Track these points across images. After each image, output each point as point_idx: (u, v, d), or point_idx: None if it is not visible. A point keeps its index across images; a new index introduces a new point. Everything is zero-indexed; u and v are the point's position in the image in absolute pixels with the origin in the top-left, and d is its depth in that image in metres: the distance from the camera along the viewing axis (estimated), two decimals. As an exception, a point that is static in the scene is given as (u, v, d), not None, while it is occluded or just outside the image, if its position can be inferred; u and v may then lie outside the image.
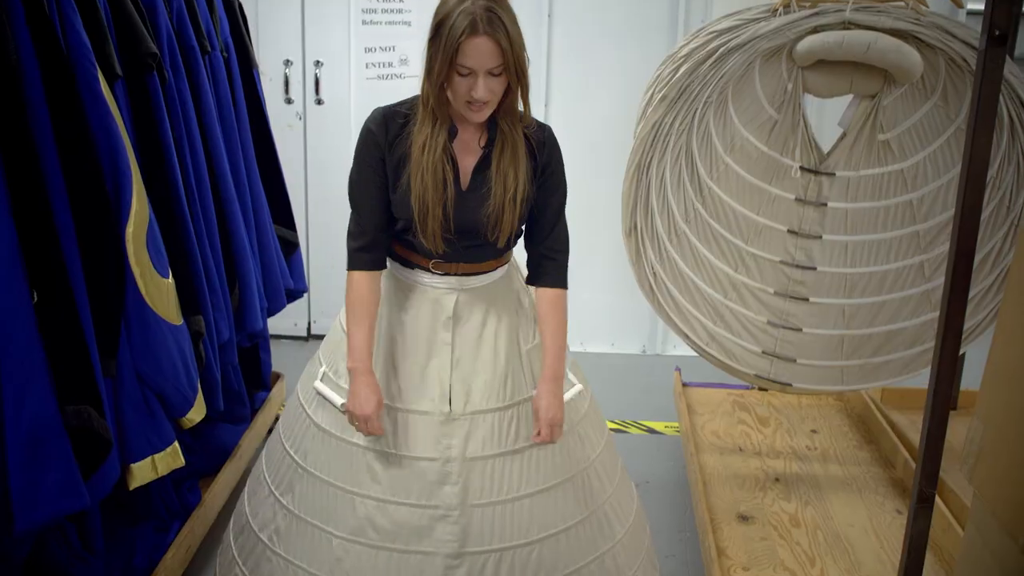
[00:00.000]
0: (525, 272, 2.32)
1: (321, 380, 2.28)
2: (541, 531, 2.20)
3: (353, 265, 2.16)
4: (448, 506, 2.14)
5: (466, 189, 2.12)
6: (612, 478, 2.40)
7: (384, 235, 2.17)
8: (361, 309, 2.15)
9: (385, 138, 2.11)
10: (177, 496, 2.81)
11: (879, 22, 2.77)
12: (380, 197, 2.14)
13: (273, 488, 2.31)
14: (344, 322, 2.30)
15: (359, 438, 2.18)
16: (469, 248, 2.17)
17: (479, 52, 1.93)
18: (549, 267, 2.24)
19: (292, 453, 2.29)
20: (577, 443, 2.31)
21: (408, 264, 2.22)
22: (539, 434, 2.16)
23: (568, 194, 2.25)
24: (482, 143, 2.12)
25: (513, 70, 1.98)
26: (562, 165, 2.20)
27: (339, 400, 2.19)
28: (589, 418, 2.39)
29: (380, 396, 2.13)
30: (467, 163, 2.13)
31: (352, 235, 2.17)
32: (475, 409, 2.18)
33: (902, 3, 2.82)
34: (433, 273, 2.20)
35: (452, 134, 2.10)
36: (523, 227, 2.23)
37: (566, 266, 2.26)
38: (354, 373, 2.12)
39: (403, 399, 2.18)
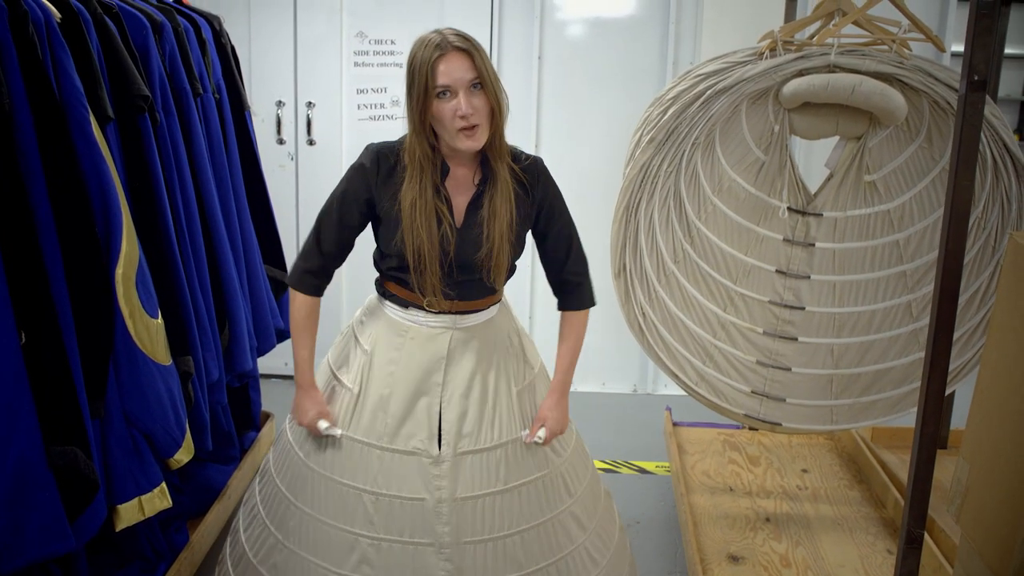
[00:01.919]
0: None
1: None
2: (532, 564, 2.23)
3: (298, 285, 2.24)
4: (442, 543, 2.16)
5: (461, 226, 2.14)
6: (597, 507, 2.43)
7: (335, 265, 2.25)
8: (303, 331, 2.27)
9: (376, 176, 2.13)
10: (164, 537, 2.79)
11: (863, 65, 2.81)
12: (347, 232, 2.20)
13: (268, 522, 2.31)
14: (332, 361, 2.36)
15: (349, 478, 2.20)
16: (464, 283, 2.18)
17: (453, 67, 1.97)
18: (574, 291, 2.32)
19: (284, 489, 2.30)
20: (560, 481, 2.33)
21: (402, 303, 2.24)
22: (536, 437, 2.25)
23: None
24: (476, 180, 2.15)
25: (491, 86, 2.01)
26: (559, 193, 2.25)
27: (338, 431, 2.23)
28: (576, 453, 2.41)
29: (322, 407, 2.25)
30: (461, 201, 2.15)
31: (305, 255, 2.23)
32: (464, 450, 2.20)
33: (886, 47, 2.86)
34: (428, 311, 2.21)
35: (444, 173, 2.12)
36: (516, 264, 2.25)
37: (591, 285, 2.34)
38: (297, 387, 2.26)
39: (392, 439, 2.19)
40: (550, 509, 2.27)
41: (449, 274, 2.15)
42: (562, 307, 2.35)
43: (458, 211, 2.15)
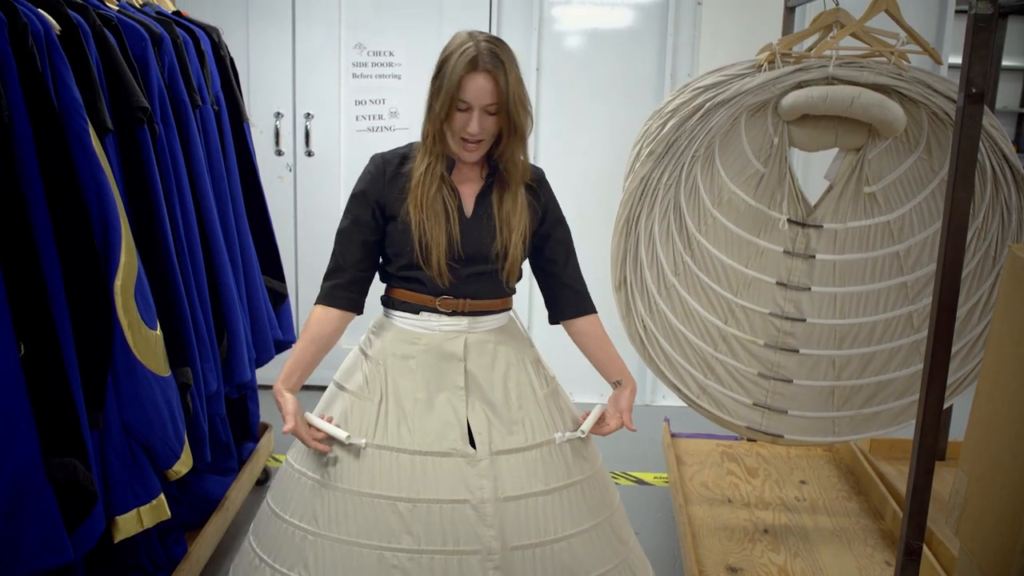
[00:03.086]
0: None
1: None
2: (583, 574, 2.14)
3: (328, 300, 2.19)
4: (489, 550, 2.03)
5: (471, 216, 2.15)
6: (630, 528, 2.39)
7: (364, 278, 2.22)
8: (319, 340, 2.20)
9: (383, 179, 2.15)
10: (163, 548, 2.78)
11: (862, 77, 2.81)
12: (366, 241, 2.19)
13: (279, 566, 2.13)
14: (341, 380, 2.27)
15: (379, 488, 2.08)
16: (475, 277, 2.17)
17: (477, 88, 2.02)
18: (573, 298, 2.31)
19: (296, 522, 2.13)
20: (602, 487, 2.29)
21: (413, 309, 2.19)
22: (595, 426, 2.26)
23: None
24: (483, 174, 2.18)
25: (506, 111, 2.05)
26: (557, 202, 2.28)
27: (342, 432, 2.11)
28: (603, 469, 2.37)
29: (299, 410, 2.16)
30: (469, 191, 2.17)
31: (331, 273, 2.21)
32: (499, 449, 2.12)
33: (884, 59, 2.87)
34: (440, 313, 2.18)
35: (451, 165, 2.15)
36: (524, 263, 2.26)
37: (588, 293, 2.33)
38: (277, 394, 2.19)
39: (424, 443, 2.10)
40: (593, 516, 2.20)
41: (458, 263, 2.13)
42: (561, 317, 2.32)
43: (466, 201, 2.16)
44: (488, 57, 2.02)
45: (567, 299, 2.31)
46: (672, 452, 3.84)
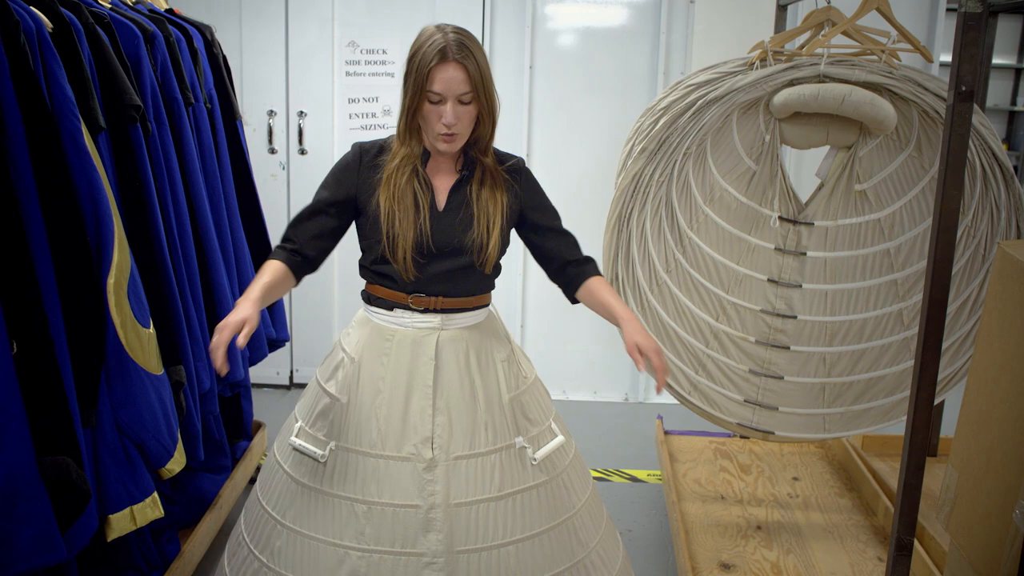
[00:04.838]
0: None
1: (297, 436, 2.28)
2: None
3: (277, 255, 2.23)
4: (434, 553, 2.12)
5: (443, 209, 2.17)
6: (598, 527, 2.39)
7: (309, 251, 2.24)
8: (269, 273, 2.18)
9: (358, 169, 2.20)
10: (156, 547, 2.78)
11: (853, 75, 2.82)
12: (323, 228, 2.24)
13: (252, 547, 2.28)
14: (320, 375, 2.34)
15: (339, 489, 2.18)
16: (448, 274, 2.19)
17: (448, 78, 2.04)
18: (583, 263, 2.32)
19: (270, 510, 2.26)
20: (563, 491, 2.30)
21: (387, 305, 2.23)
22: (644, 366, 2.20)
23: None
24: (459, 166, 2.20)
25: (483, 97, 2.09)
26: (542, 189, 2.31)
27: (319, 452, 2.21)
28: (574, 467, 2.39)
29: (254, 317, 2.08)
30: (443, 184, 2.20)
31: (285, 239, 2.27)
32: (457, 454, 2.18)
33: (875, 57, 2.88)
34: (414, 311, 2.21)
35: (425, 158, 2.18)
36: (504, 252, 2.27)
37: (592, 260, 2.34)
38: (241, 298, 2.13)
39: (384, 445, 2.18)
40: (548, 520, 2.24)
41: (426, 257, 2.16)
42: (578, 282, 2.30)
43: (439, 194, 2.19)
44: (456, 48, 2.05)
45: (578, 267, 2.31)
46: (665, 449, 3.85)
